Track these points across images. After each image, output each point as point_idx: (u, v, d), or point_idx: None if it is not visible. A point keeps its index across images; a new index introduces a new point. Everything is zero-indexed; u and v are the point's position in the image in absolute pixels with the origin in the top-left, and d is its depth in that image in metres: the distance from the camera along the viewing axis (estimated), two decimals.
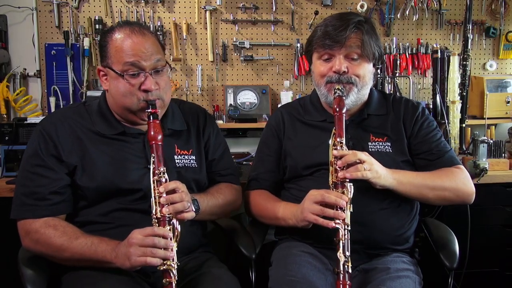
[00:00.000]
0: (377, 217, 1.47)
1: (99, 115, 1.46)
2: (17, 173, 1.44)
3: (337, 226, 1.32)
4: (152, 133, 1.33)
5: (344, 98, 1.48)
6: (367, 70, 1.54)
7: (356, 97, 1.54)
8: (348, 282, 1.29)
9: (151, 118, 1.35)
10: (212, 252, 1.58)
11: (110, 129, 1.44)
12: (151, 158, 1.32)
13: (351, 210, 1.34)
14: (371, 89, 1.65)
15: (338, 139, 1.41)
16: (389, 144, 1.56)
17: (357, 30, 1.50)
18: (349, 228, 1.33)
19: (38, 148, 1.38)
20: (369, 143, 1.56)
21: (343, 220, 1.32)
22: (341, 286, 1.29)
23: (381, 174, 1.41)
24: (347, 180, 1.36)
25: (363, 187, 1.43)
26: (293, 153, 1.62)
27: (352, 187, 1.36)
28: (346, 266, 1.30)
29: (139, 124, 1.45)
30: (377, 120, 1.61)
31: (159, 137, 1.33)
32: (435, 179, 1.49)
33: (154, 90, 1.37)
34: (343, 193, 1.36)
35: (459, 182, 1.51)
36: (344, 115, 1.45)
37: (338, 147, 1.40)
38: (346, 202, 1.33)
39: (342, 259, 1.30)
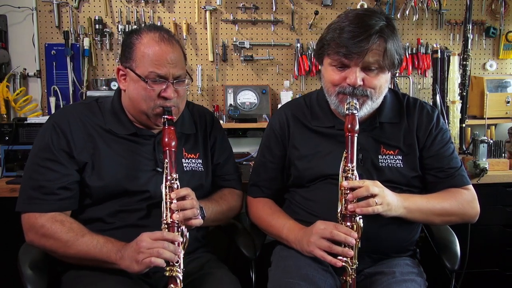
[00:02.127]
0: (383, 231, 1.43)
1: (112, 114, 1.46)
2: (25, 166, 1.42)
3: (344, 264, 1.29)
4: (166, 139, 1.33)
5: (357, 115, 1.36)
6: (384, 81, 1.41)
7: (370, 109, 1.44)
8: None
9: (167, 125, 1.35)
10: (213, 253, 1.58)
11: (122, 129, 1.44)
12: (164, 163, 1.32)
13: (359, 246, 1.31)
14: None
15: (349, 165, 1.33)
16: (400, 158, 1.48)
17: (379, 39, 1.34)
18: (357, 266, 1.30)
19: (50, 141, 1.37)
20: (379, 156, 1.47)
21: (351, 258, 1.29)
22: None
23: (392, 207, 1.35)
24: (357, 213, 1.31)
25: None
26: (298, 164, 1.53)
27: (362, 220, 1.31)
28: None
29: (152, 128, 1.46)
30: (389, 129, 1.51)
31: (173, 143, 1.33)
32: (443, 204, 1.44)
33: (173, 98, 1.38)
34: (352, 227, 1.31)
35: (466, 206, 1.47)
36: (356, 136, 1.34)
37: (350, 175, 1.33)
38: (356, 240, 1.29)
39: None
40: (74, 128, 1.40)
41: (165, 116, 1.36)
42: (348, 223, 1.31)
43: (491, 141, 2.22)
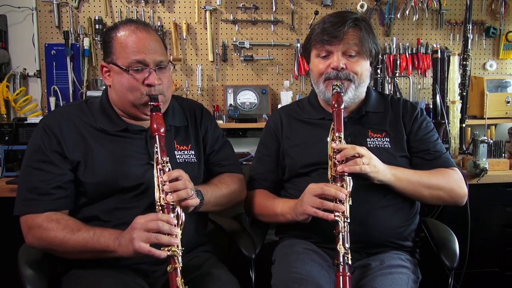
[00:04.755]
0: (377, 216, 1.48)
1: (102, 112, 1.46)
2: (20, 170, 1.43)
3: (336, 218, 1.33)
4: (155, 125, 1.35)
5: (342, 94, 1.49)
6: (364, 68, 1.55)
7: (354, 94, 1.55)
8: (348, 273, 1.30)
9: (154, 112, 1.37)
10: (212, 252, 1.58)
11: (113, 126, 1.45)
12: (155, 148, 1.33)
13: (350, 203, 1.35)
14: (368, 88, 1.66)
15: (336, 134, 1.43)
16: (388, 140, 1.57)
17: (355, 26, 1.51)
18: (349, 221, 1.34)
19: (41, 143, 1.38)
20: (368, 139, 1.57)
21: (343, 212, 1.33)
22: (340, 277, 1.29)
23: (379, 169, 1.43)
24: (346, 174, 1.38)
25: (362, 185, 1.44)
26: (291, 152, 1.63)
27: (351, 180, 1.38)
28: (346, 258, 1.31)
29: (141, 120, 1.46)
30: (376, 117, 1.62)
31: (162, 129, 1.35)
32: (431, 178, 1.51)
33: (157, 85, 1.39)
34: (342, 186, 1.37)
35: (453, 183, 1.52)
36: (342, 110, 1.46)
37: (337, 142, 1.42)
38: (346, 195, 1.35)
39: (342, 250, 1.31)
40: (65, 129, 1.41)
41: (151, 103, 1.38)
42: (338, 183, 1.38)
43: (491, 141, 2.21)
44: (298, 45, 2.75)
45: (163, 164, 1.31)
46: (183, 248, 1.25)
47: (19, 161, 2.14)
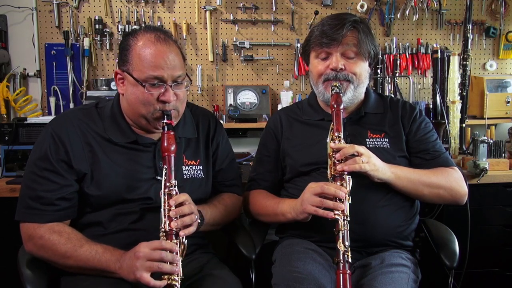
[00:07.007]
0: (377, 214, 1.48)
1: (112, 121, 1.42)
2: (23, 173, 1.41)
3: (336, 217, 1.34)
4: (165, 144, 1.32)
5: (341, 94, 1.50)
6: (363, 69, 1.56)
7: (353, 94, 1.56)
8: (348, 271, 1.30)
9: (166, 129, 1.34)
10: (213, 253, 1.57)
11: (123, 137, 1.41)
12: (164, 170, 1.30)
13: (350, 201, 1.36)
14: (368, 90, 1.67)
15: (336, 134, 1.44)
16: (387, 140, 1.58)
17: (353, 29, 1.53)
18: (348, 219, 1.34)
19: (48, 151, 1.35)
20: (367, 139, 1.58)
21: (342, 211, 1.34)
22: (341, 275, 1.30)
23: (378, 167, 1.43)
24: (346, 173, 1.38)
25: (362, 184, 1.44)
26: (292, 152, 1.64)
27: (351, 179, 1.39)
28: (346, 256, 1.31)
29: (151, 132, 1.44)
30: (375, 118, 1.64)
31: (172, 148, 1.32)
32: (431, 177, 1.51)
33: (172, 101, 1.36)
34: (342, 185, 1.38)
35: (453, 181, 1.53)
36: (341, 111, 1.47)
37: (336, 141, 1.43)
38: (345, 194, 1.35)
39: (342, 248, 1.32)
40: (73, 137, 1.37)
41: (165, 121, 1.34)
42: (338, 182, 1.39)
43: (491, 141, 2.21)
44: (298, 45, 2.75)
45: (170, 188, 1.29)
46: (183, 277, 1.24)
47: (19, 161, 2.14)
